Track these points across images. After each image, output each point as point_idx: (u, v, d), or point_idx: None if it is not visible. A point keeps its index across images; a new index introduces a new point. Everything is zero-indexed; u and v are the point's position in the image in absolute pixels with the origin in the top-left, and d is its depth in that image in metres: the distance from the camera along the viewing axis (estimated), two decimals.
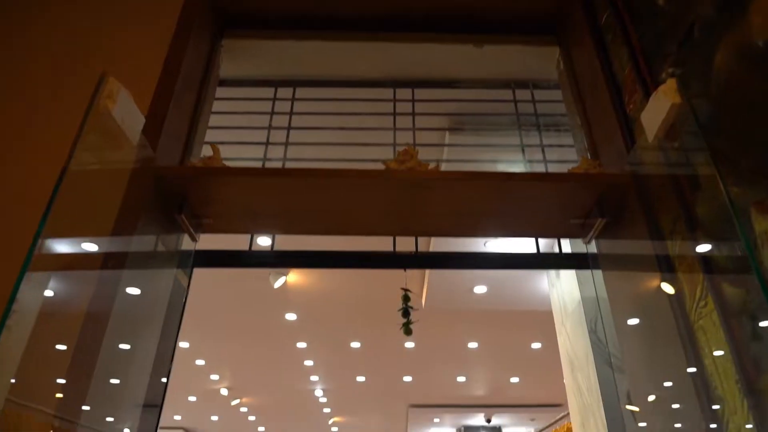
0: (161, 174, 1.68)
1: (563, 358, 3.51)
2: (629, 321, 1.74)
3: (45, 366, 1.36)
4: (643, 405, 1.67)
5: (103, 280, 1.50)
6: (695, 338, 1.34)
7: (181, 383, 7.93)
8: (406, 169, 1.68)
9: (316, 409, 9.08)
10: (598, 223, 1.73)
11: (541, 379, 7.58)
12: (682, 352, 1.38)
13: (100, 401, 1.47)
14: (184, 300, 2.04)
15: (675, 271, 1.44)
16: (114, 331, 1.50)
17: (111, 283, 1.51)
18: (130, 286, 1.63)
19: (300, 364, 6.96)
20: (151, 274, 1.86)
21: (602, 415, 2.83)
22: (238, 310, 5.42)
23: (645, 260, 1.62)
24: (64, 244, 1.36)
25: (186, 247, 2.00)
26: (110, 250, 1.56)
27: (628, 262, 1.75)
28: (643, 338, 1.66)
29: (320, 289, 4.92)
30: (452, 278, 4.21)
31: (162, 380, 1.88)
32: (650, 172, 1.53)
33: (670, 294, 1.44)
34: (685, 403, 1.39)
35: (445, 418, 9.51)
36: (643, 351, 1.66)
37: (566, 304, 3.44)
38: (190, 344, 6.30)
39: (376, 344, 6.28)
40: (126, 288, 1.62)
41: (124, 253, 1.58)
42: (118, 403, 1.63)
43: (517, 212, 1.83)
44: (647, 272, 1.62)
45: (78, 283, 1.48)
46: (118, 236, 1.55)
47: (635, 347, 1.71)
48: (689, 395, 1.35)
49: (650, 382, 1.61)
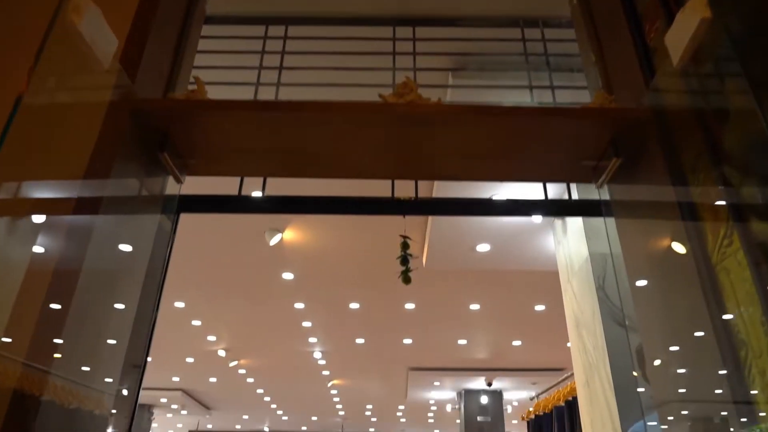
0: (140, 107, 1.58)
1: (568, 316, 3.47)
2: (644, 270, 1.66)
3: (15, 316, 1.28)
4: (658, 358, 1.61)
5: (76, 227, 1.42)
6: (717, 281, 1.26)
7: (178, 344, 7.98)
8: (405, 103, 1.58)
9: (315, 372, 9.16)
10: (612, 163, 1.64)
11: (543, 342, 7.61)
12: (702, 298, 1.31)
13: (75, 353, 1.41)
14: (169, 248, 1.95)
15: (696, 210, 1.36)
16: (89, 281, 1.43)
17: (85, 231, 1.43)
18: (107, 234, 1.55)
19: (298, 325, 6.96)
20: (132, 220, 1.77)
21: (608, 373, 2.80)
22: (234, 268, 5.37)
23: (662, 202, 1.53)
24: (28, 187, 1.27)
25: (171, 191, 1.91)
26: (84, 194, 1.47)
27: (643, 207, 1.66)
28: (659, 287, 1.58)
29: (318, 248, 4.86)
30: (454, 236, 4.14)
31: (145, 333, 1.82)
32: (673, 102, 1.43)
33: (691, 236, 1.35)
34: (704, 351, 1.33)
35: (445, 382, 9.59)
36: (659, 300, 1.59)
37: (573, 262, 3.37)
38: (185, 304, 6.29)
39: (376, 305, 6.27)
40: (103, 235, 1.54)
41: (100, 197, 1.49)
42: (95, 356, 1.57)
43: (525, 153, 1.74)
44: (664, 215, 1.53)
45: (49, 232, 1.39)
46: (93, 177, 1.45)
47: (650, 297, 1.64)
48: (709, 342, 1.28)
49: (666, 332, 1.54)
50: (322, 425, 14.59)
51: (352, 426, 14.40)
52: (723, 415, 1.28)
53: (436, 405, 11.53)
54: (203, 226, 4.57)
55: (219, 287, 5.83)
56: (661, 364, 1.57)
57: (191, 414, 13.09)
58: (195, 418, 13.71)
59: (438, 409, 11.95)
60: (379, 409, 12.41)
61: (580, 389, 3.23)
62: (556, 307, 6.11)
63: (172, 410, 12.40)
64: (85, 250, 1.42)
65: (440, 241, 4.25)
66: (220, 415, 13.64)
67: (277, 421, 14.03)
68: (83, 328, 1.44)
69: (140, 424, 11.56)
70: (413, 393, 10.36)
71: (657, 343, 1.59)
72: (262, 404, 12.07)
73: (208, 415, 13.31)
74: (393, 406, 11.99)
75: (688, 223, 1.38)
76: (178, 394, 10.85)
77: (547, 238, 4.11)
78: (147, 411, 11.78)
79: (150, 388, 10.59)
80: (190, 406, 11.85)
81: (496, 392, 9.92)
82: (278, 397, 11.55)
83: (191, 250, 4.98)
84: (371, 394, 11.00)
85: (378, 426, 14.50)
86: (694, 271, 1.34)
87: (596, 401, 2.94)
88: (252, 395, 11.16)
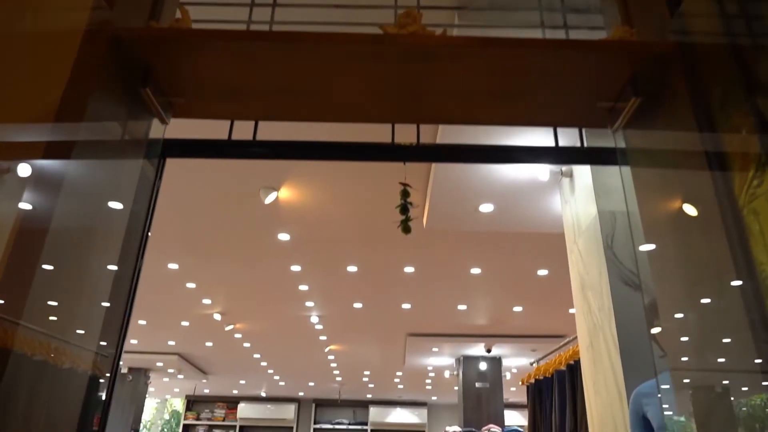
0: (120, 36, 1.48)
1: (573, 278, 3.41)
2: (661, 221, 1.58)
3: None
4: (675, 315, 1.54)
5: (46, 174, 1.33)
6: (744, 225, 1.18)
7: (172, 307, 7.98)
8: (407, 34, 1.48)
9: (312, 337, 9.20)
10: (630, 104, 1.55)
11: (545, 308, 7.61)
12: (726, 247, 1.23)
13: (46, 308, 1.34)
14: (154, 197, 1.86)
15: (723, 150, 1.27)
16: (61, 232, 1.34)
17: (56, 178, 1.34)
18: (82, 181, 1.47)
19: (294, 289, 6.94)
20: (111, 166, 1.68)
21: (614, 334, 2.75)
22: (228, 229, 5.31)
23: (684, 143, 1.45)
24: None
25: (155, 135, 1.82)
26: (55, 137, 1.37)
27: (662, 151, 1.58)
28: (679, 238, 1.51)
29: (314, 207, 4.78)
30: (456, 195, 4.06)
31: (127, 288, 1.75)
32: (702, 30, 1.33)
33: (715, 178, 1.27)
34: (727, 305, 1.26)
35: (443, 348, 9.64)
36: (678, 253, 1.51)
37: (580, 221, 3.30)
38: (179, 266, 6.25)
39: (374, 269, 6.23)
40: (77, 183, 1.45)
41: (73, 140, 1.39)
42: (70, 312, 1.50)
43: (536, 93, 1.64)
44: (686, 158, 1.45)
45: (14, 180, 1.30)
46: (66, 117, 1.35)
47: (667, 250, 1.56)
48: (733, 295, 1.21)
49: (686, 287, 1.47)
50: (319, 391, 14.77)
51: (349, 392, 14.59)
52: (749, 375, 1.22)
53: (434, 371, 11.65)
54: (196, 184, 4.49)
55: (213, 249, 5.78)
56: (678, 322, 1.51)
57: (188, 378, 13.25)
58: (192, 382, 13.87)
59: (436, 376, 12.08)
60: (377, 375, 12.54)
61: (584, 351, 3.20)
62: (559, 272, 6.08)
63: (168, 374, 12.54)
64: (56, 199, 1.33)
65: (442, 201, 4.17)
66: (217, 380, 13.79)
67: (274, 386, 14.19)
68: (56, 283, 1.37)
69: (137, 388, 11.69)
70: (411, 359, 10.44)
71: (674, 300, 1.52)
72: (258, 369, 12.18)
73: (205, 379, 13.46)
74: (391, 372, 12.11)
75: (713, 164, 1.29)
76: (174, 358, 10.93)
77: (553, 198, 4.03)
78: (143, 375, 11.90)
79: (146, 351, 10.66)
80: (187, 370, 11.97)
81: (495, 359, 10.00)
82: (275, 363, 11.65)
83: (183, 209, 4.90)
84: (369, 360, 11.09)
85: (375, 392, 14.68)
86: (717, 218, 1.26)
87: (600, 363, 2.91)
88: (248, 360, 11.24)
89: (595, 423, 2.98)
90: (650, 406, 2.22)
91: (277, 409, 15.49)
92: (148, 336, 9.54)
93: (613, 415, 2.70)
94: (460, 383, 9.94)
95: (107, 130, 1.56)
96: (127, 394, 11.59)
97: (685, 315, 1.48)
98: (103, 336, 1.62)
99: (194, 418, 15.69)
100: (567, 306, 7.44)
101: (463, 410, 9.52)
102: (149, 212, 1.75)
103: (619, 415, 2.64)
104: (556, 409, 4.26)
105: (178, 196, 4.67)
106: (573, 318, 7.89)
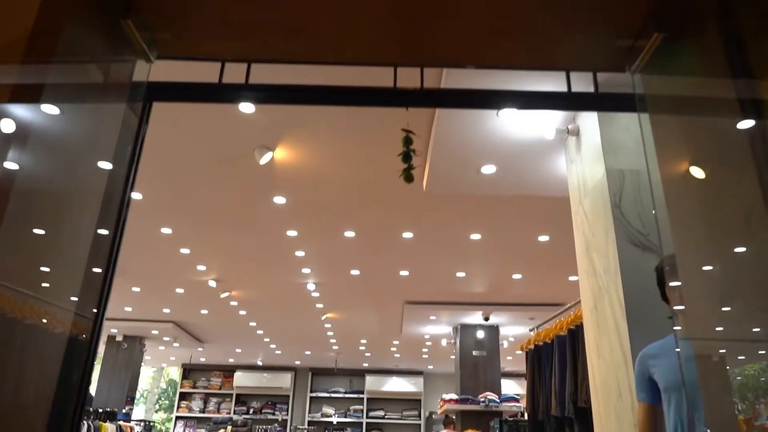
0: None
1: (578, 240, 3.34)
2: (683, 174, 1.49)
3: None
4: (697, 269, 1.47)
5: (15, 120, 1.23)
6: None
7: (167, 274, 7.93)
8: None
9: (309, 305, 9.19)
10: (652, 40, 1.44)
11: (544, 276, 7.58)
12: (759, 190, 1.14)
13: (17, 265, 1.25)
14: (139, 145, 1.75)
15: (756, 81, 1.17)
16: (31, 184, 1.25)
17: (25, 124, 1.24)
18: (56, 126, 1.37)
19: (291, 255, 6.88)
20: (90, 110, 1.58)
21: (620, 296, 2.70)
22: (222, 191, 5.21)
23: (712, 88, 1.35)
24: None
25: (139, 77, 1.71)
26: (25, 78, 1.26)
27: (686, 97, 1.48)
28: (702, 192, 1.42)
29: (311, 169, 4.68)
30: (457, 156, 3.97)
31: (108, 245, 1.66)
32: None
33: (747, 110, 1.18)
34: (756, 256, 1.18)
35: (441, 316, 9.66)
36: (703, 202, 1.43)
37: (586, 181, 3.22)
38: (172, 231, 6.16)
39: (372, 234, 6.16)
40: (51, 129, 1.35)
41: (43, 82, 1.29)
42: (42, 269, 1.42)
43: (548, 30, 1.54)
44: (713, 96, 1.35)
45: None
46: (37, 54, 1.24)
47: (688, 205, 1.48)
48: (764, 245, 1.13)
49: (711, 238, 1.39)
50: (316, 360, 14.86)
51: (345, 361, 14.68)
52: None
53: (431, 340, 11.70)
54: (187, 144, 4.37)
55: (207, 212, 5.69)
56: (700, 276, 1.43)
57: (184, 347, 13.29)
58: (188, 351, 13.92)
59: (433, 345, 12.14)
60: (374, 344, 12.59)
61: (587, 315, 3.15)
62: (560, 238, 6.02)
63: (164, 343, 12.57)
64: (25, 147, 1.23)
65: (442, 162, 4.07)
66: (213, 349, 13.85)
67: (271, 355, 14.26)
68: (26, 242, 1.28)
69: (132, 356, 11.74)
70: (408, 328, 10.46)
71: (697, 252, 1.45)
72: (254, 338, 12.21)
73: (201, 348, 13.51)
74: (387, 341, 12.16)
75: (744, 97, 1.20)
76: (169, 326, 10.94)
77: (557, 159, 3.94)
78: (138, 343, 11.93)
79: (140, 319, 10.67)
80: (182, 338, 11.99)
81: (493, 327, 10.03)
82: (271, 331, 11.67)
83: (175, 170, 4.80)
84: (366, 328, 11.11)
85: (372, 361, 14.78)
86: (749, 157, 1.18)
87: (604, 325, 2.86)
88: (244, 328, 11.26)
89: (597, 386, 2.94)
90: (657, 367, 2.17)
91: (273, 378, 15.61)
92: (142, 303, 9.52)
93: (617, 378, 2.66)
94: (458, 351, 9.99)
95: (85, 70, 1.46)
96: (123, 362, 11.65)
97: (708, 269, 1.41)
98: (83, 297, 1.54)
99: (191, 386, 15.82)
100: (566, 273, 7.41)
101: (460, 378, 9.58)
102: (134, 160, 1.65)
103: (624, 377, 2.59)
104: (555, 374, 4.24)
105: (168, 157, 4.56)
106: (572, 286, 7.91)
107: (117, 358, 11.64)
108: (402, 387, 15.45)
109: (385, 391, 15.46)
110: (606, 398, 2.80)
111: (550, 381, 4.43)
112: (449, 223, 5.82)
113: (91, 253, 1.57)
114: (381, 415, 15.27)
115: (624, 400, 2.57)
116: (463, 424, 8.66)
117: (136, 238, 6.22)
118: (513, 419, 7.83)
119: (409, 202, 5.27)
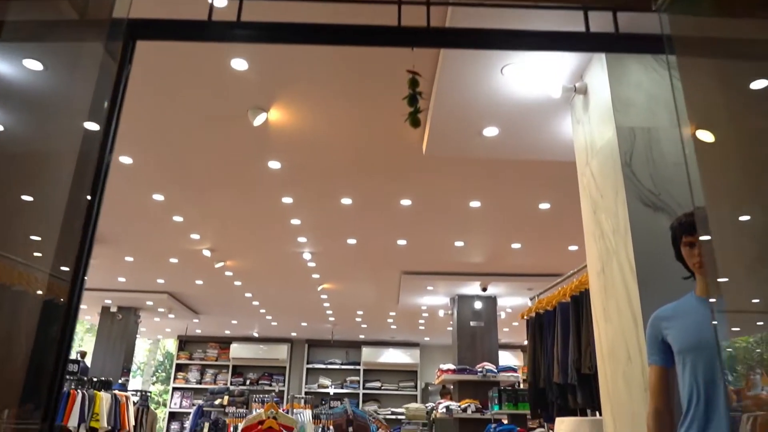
0: None
1: (584, 202, 3.25)
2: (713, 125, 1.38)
3: None
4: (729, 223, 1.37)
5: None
6: None
7: (160, 243, 7.82)
8: None
9: (305, 275, 9.12)
10: None
11: (544, 245, 7.51)
12: None
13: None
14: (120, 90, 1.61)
15: None
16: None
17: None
18: (25, 71, 1.24)
19: (286, 223, 6.78)
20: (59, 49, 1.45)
21: (630, 257, 2.61)
22: (215, 155, 5.07)
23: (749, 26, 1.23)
24: None
25: (119, 13, 1.57)
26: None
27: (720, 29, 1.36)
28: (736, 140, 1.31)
29: (307, 131, 4.54)
30: (459, 117, 3.84)
31: (85, 204, 1.54)
32: None
33: None
34: None
35: (438, 287, 9.62)
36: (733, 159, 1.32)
37: (594, 141, 3.11)
38: (165, 197, 6.03)
39: (370, 201, 6.05)
40: (20, 74, 1.22)
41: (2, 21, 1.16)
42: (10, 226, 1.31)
43: None
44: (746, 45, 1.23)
45: None
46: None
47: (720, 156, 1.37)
48: None
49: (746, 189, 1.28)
50: (312, 332, 14.88)
51: (342, 333, 14.71)
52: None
53: (428, 311, 11.69)
54: (177, 105, 4.22)
55: (200, 178, 5.56)
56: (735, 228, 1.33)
57: (179, 318, 13.27)
58: (183, 322, 13.91)
59: (429, 316, 12.14)
60: (370, 315, 12.58)
61: (594, 278, 3.07)
62: (561, 205, 5.92)
63: (159, 314, 12.54)
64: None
65: (443, 123, 3.95)
66: (209, 320, 13.83)
67: (266, 326, 14.26)
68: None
69: (127, 327, 11.71)
70: (405, 298, 10.43)
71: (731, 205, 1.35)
72: (250, 309, 12.18)
73: (196, 319, 13.49)
74: (384, 312, 12.14)
75: None
76: (164, 297, 10.88)
77: (562, 121, 3.82)
78: (133, 314, 11.89)
79: (134, 290, 10.60)
80: (178, 309, 11.96)
81: (491, 298, 10.01)
82: (267, 302, 11.63)
83: (164, 134, 4.65)
84: (362, 299, 11.08)
85: (368, 333, 14.81)
86: None
87: (612, 288, 2.78)
88: (240, 299, 11.21)
89: (604, 351, 2.87)
90: (671, 329, 2.09)
91: (269, 350, 15.65)
92: (136, 273, 9.43)
93: (626, 341, 2.59)
94: (455, 322, 9.98)
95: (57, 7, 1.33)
96: (118, 333, 11.62)
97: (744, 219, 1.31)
98: (60, 259, 1.43)
99: (187, 357, 15.85)
100: (566, 243, 7.35)
101: (457, 349, 9.59)
102: (116, 99, 1.52)
103: (633, 340, 2.52)
104: (558, 342, 4.19)
105: (158, 118, 4.42)
106: (572, 256, 7.84)
107: (112, 330, 11.60)
108: (398, 359, 15.53)
109: (382, 363, 15.55)
110: (613, 363, 2.73)
111: (552, 348, 4.38)
112: (448, 190, 5.71)
113: (68, 208, 1.46)
114: (377, 386, 15.38)
115: (634, 364, 2.50)
116: (460, 394, 8.69)
117: (128, 204, 6.08)
118: (511, 387, 7.84)
119: (408, 167, 5.15)
